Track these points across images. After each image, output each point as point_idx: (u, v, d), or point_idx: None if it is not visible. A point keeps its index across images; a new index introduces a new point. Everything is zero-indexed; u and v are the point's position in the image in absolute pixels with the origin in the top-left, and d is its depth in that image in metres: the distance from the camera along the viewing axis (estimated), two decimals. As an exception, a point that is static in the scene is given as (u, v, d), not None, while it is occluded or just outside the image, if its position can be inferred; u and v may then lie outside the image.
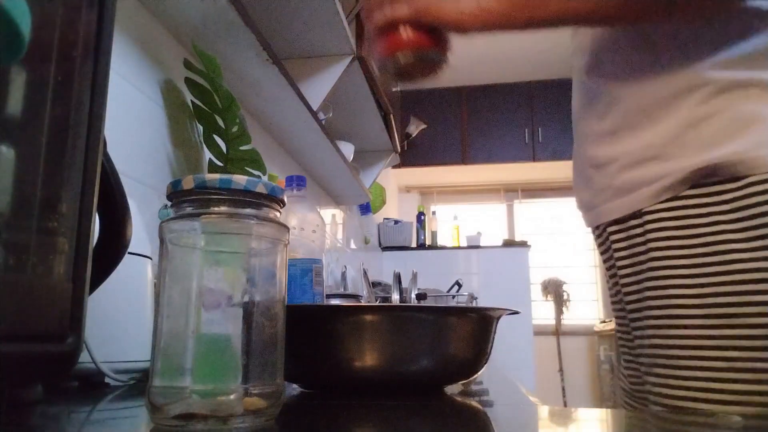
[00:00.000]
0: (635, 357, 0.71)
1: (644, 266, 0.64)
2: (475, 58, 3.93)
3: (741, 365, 0.56)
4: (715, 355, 0.57)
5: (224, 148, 1.09)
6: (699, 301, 0.58)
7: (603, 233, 0.74)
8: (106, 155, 0.40)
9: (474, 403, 0.49)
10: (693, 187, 0.60)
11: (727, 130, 0.59)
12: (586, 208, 0.77)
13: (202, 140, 1.13)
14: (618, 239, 0.70)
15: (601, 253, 0.78)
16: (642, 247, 0.65)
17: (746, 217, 0.56)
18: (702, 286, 0.58)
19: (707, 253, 0.58)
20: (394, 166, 3.80)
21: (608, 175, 0.69)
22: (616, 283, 0.74)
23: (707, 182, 0.59)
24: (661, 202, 0.62)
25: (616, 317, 0.78)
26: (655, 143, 0.64)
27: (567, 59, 0.92)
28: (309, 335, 0.49)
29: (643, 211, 0.64)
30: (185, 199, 0.36)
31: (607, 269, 0.77)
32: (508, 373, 1.02)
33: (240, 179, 0.36)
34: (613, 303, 0.79)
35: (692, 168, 0.60)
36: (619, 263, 0.70)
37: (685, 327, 0.59)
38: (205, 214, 0.35)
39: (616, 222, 0.70)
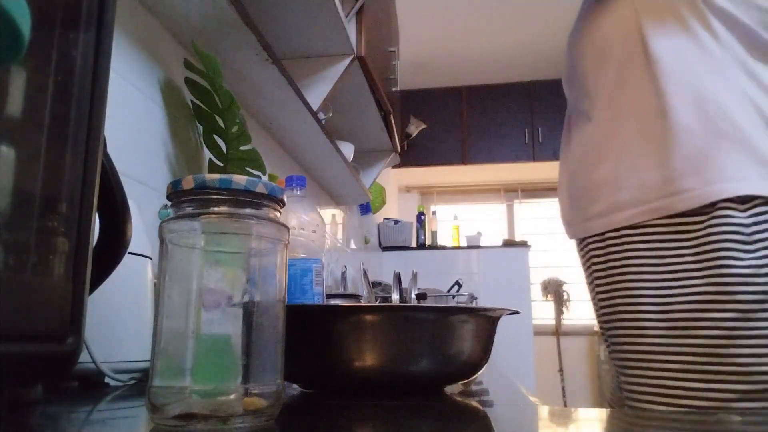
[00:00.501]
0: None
1: (619, 285, 0.78)
2: (475, 58, 3.93)
3: (692, 367, 0.69)
4: (673, 359, 0.71)
5: (224, 148, 1.09)
6: (663, 316, 0.72)
7: (585, 246, 0.86)
8: (106, 155, 0.40)
9: (474, 403, 0.49)
10: (662, 217, 0.73)
11: (682, 169, 0.72)
12: (569, 223, 0.90)
13: (202, 140, 1.13)
14: (596, 252, 0.82)
15: (584, 263, 0.90)
16: (618, 270, 0.78)
17: (704, 251, 0.70)
18: (666, 304, 0.72)
19: (672, 278, 0.72)
20: (394, 166, 3.80)
21: (591, 200, 0.82)
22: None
23: (674, 215, 0.72)
24: (637, 228, 0.75)
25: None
26: (628, 176, 0.77)
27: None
28: (309, 335, 0.49)
29: (621, 228, 0.77)
30: (185, 199, 0.36)
31: (586, 273, 0.90)
32: (508, 373, 1.02)
33: (240, 179, 0.36)
34: (595, 307, 0.92)
35: (656, 199, 0.74)
36: (597, 280, 0.82)
37: (651, 336, 0.73)
38: (205, 214, 0.35)
39: (596, 235, 0.81)
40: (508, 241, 3.81)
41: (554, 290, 4.34)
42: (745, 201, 0.69)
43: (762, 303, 0.67)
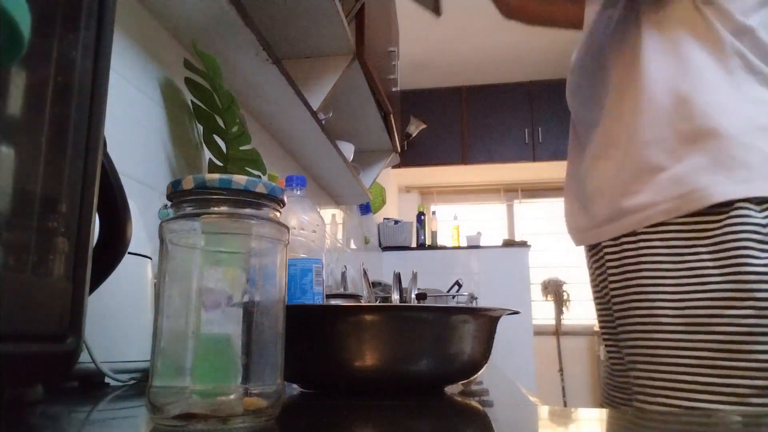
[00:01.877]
0: (622, 356, 0.84)
1: (633, 282, 0.78)
2: (475, 58, 3.93)
3: (709, 363, 0.70)
4: (690, 354, 0.71)
5: (224, 148, 1.09)
6: (680, 312, 0.73)
7: (599, 250, 0.88)
8: (106, 155, 0.40)
9: (474, 403, 0.49)
10: (678, 217, 0.74)
11: (693, 167, 0.74)
12: (581, 230, 0.92)
13: (202, 140, 1.13)
14: (612, 255, 0.83)
15: (594, 266, 0.92)
16: (633, 266, 0.78)
17: (721, 249, 0.71)
18: (683, 300, 0.73)
19: (689, 275, 0.73)
20: (394, 166, 3.79)
21: (604, 205, 0.83)
22: (606, 293, 0.87)
23: (690, 214, 0.73)
24: (653, 227, 0.76)
25: (602, 321, 0.94)
26: (639, 179, 0.78)
27: (567, 59, 0.98)
28: (309, 335, 0.49)
29: (638, 232, 0.77)
30: (185, 199, 0.36)
31: (597, 276, 0.92)
32: (508, 373, 1.02)
33: (240, 179, 0.36)
34: (599, 310, 0.94)
35: (670, 199, 0.74)
36: (611, 276, 0.83)
37: (667, 332, 0.73)
38: (205, 214, 0.35)
39: (611, 240, 0.82)
40: (508, 241, 3.81)
41: (554, 290, 4.35)
42: (761, 202, 0.71)
43: None
